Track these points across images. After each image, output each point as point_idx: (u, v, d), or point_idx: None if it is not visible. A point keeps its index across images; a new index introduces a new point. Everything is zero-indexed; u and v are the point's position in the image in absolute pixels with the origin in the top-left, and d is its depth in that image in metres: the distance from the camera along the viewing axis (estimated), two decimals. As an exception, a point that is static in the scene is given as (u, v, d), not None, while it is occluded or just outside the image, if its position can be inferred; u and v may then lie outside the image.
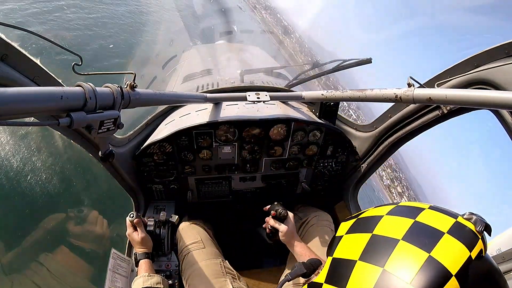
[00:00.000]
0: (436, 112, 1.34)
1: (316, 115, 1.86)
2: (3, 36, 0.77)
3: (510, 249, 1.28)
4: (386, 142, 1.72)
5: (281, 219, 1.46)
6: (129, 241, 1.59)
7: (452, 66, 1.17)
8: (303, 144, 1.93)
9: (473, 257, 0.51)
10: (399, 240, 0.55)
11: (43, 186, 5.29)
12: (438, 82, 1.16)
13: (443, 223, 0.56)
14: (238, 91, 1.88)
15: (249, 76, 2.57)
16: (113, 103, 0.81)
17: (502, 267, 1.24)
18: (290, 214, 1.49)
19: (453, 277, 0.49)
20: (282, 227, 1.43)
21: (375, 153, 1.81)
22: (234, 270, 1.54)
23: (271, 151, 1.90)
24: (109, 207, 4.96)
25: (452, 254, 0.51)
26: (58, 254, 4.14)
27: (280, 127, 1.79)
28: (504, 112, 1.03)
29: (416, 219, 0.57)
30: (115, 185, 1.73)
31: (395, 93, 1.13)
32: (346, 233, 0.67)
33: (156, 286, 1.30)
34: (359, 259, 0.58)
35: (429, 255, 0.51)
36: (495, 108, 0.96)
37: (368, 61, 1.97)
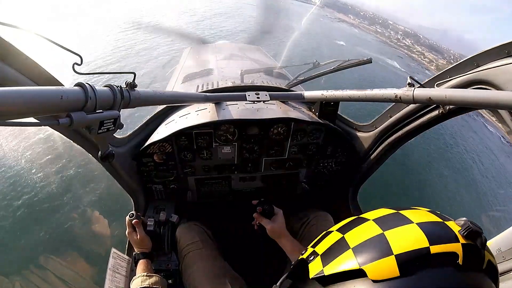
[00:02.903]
0: (436, 112, 1.33)
1: (316, 115, 1.86)
2: (3, 36, 0.77)
3: (510, 249, 1.27)
4: (386, 142, 1.71)
5: (268, 215, 1.47)
6: (129, 240, 1.59)
7: (452, 66, 1.17)
8: (303, 144, 1.92)
9: (432, 252, 0.44)
10: (370, 220, 0.56)
11: (43, 187, 5.30)
12: (438, 82, 1.15)
13: (422, 217, 0.51)
14: (238, 91, 1.88)
15: (249, 75, 2.57)
16: (113, 103, 0.80)
17: (502, 267, 1.23)
18: (279, 211, 1.49)
19: (392, 256, 0.44)
20: (269, 224, 1.43)
21: (375, 153, 1.81)
22: (233, 271, 1.54)
23: (271, 151, 1.90)
24: (110, 207, 4.97)
25: (405, 239, 0.47)
26: (58, 254, 4.16)
27: (280, 127, 1.79)
28: (504, 112, 1.03)
29: (400, 211, 0.55)
30: (115, 185, 1.73)
31: (395, 93, 1.13)
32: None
33: (154, 286, 1.30)
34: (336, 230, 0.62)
35: (382, 232, 0.50)
36: (495, 108, 0.96)
37: (368, 61, 1.96)
